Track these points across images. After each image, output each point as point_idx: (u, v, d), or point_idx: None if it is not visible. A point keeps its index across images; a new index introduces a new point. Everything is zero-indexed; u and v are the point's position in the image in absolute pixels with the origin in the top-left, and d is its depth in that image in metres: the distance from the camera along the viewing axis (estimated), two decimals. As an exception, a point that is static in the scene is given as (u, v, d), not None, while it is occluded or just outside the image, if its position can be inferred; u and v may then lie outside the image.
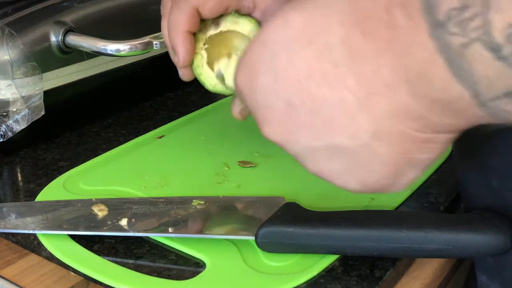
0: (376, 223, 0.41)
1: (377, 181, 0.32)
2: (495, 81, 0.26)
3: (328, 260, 0.43)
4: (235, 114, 0.49)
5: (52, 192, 0.52)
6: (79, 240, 0.45)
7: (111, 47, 0.59)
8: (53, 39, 0.60)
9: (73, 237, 0.46)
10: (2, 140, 0.57)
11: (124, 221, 0.46)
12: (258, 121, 0.35)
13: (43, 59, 0.59)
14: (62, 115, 0.64)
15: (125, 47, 0.59)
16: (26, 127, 0.57)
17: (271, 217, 0.44)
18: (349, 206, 0.49)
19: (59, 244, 0.45)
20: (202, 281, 0.41)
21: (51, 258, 0.45)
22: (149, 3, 0.71)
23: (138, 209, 0.48)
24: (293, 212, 0.45)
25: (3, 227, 0.47)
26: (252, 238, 0.43)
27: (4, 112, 0.57)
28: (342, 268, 0.43)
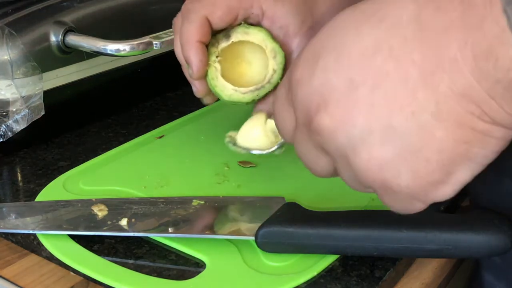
0: (376, 223, 0.41)
1: (430, 173, 0.31)
2: None
3: (328, 260, 0.43)
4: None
5: (52, 192, 0.52)
6: (79, 240, 0.45)
7: (111, 47, 0.59)
8: (53, 39, 0.60)
9: (73, 237, 0.46)
10: (2, 140, 0.57)
11: (124, 221, 0.46)
12: (311, 110, 0.33)
13: (43, 59, 0.59)
14: (62, 115, 0.64)
15: (125, 47, 0.59)
16: (26, 127, 0.57)
17: (271, 217, 0.44)
18: (349, 206, 0.49)
19: (59, 244, 0.45)
20: (202, 281, 0.41)
21: (51, 258, 0.45)
22: (149, 3, 0.71)
23: (138, 209, 0.48)
24: (293, 212, 0.45)
25: (3, 227, 0.47)
26: (252, 238, 0.43)
27: (4, 112, 0.57)
28: (342, 268, 0.43)
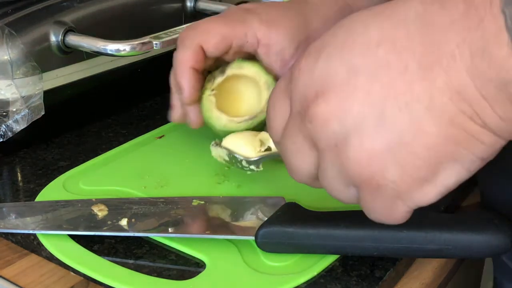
0: (376, 223, 0.41)
1: (417, 169, 0.31)
2: None
3: (328, 260, 0.43)
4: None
5: (52, 192, 0.52)
6: (79, 240, 0.45)
7: (111, 47, 0.59)
8: (53, 39, 0.60)
9: (73, 237, 0.46)
10: (2, 140, 0.57)
11: (124, 221, 0.46)
12: (309, 98, 0.34)
13: (43, 59, 0.59)
14: (62, 115, 0.64)
15: (125, 47, 0.59)
16: (26, 127, 0.57)
17: (271, 217, 0.44)
18: (349, 206, 0.49)
19: (59, 244, 0.45)
20: (202, 281, 0.41)
21: (51, 258, 0.45)
22: (149, 3, 0.71)
23: (138, 209, 0.48)
24: (293, 212, 0.45)
25: (3, 227, 0.47)
26: (252, 238, 0.43)
27: (4, 112, 0.57)
28: (342, 268, 0.43)
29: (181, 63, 0.52)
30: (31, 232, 0.46)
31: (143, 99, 0.75)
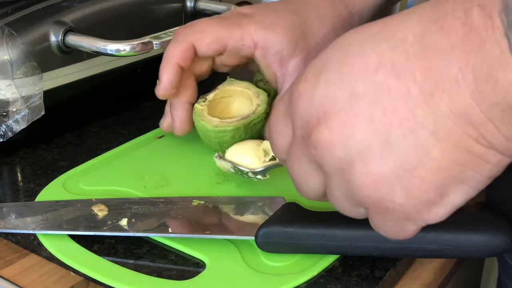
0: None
1: (423, 192, 0.31)
2: None
3: (328, 260, 0.43)
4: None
5: (52, 192, 0.52)
6: (79, 240, 0.45)
7: (111, 47, 0.59)
8: (53, 39, 0.60)
9: (73, 237, 0.46)
10: (2, 140, 0.57)
11: (124, 221, 0.46)
12: (310, 123, 0.33)
13: (43, 59, 0.59)
14: (62, 115, 0.64)
15: (125, 47, 0.59)
16: (26, 127, 0.57)
17: (271, 217, 0.44)
18: (349, 206, 0.49)
19: (59, 244, 0.45)
20: (202, 281, 0.41)
21: (51, 258, 0.45)
22: (149, 3, 0.71)
23: (138, 209, 0.48)
24: (293, 212, 0.45)
25: (3, 227, 0.47)
26: (252, 238, 0.43)
27: (4, 112, 0.57)
28: (342, 268, 0.43)
29: (168, 56, 0.53)
30: (31, 232, 0.46)
31: (143, 99, 0.75)
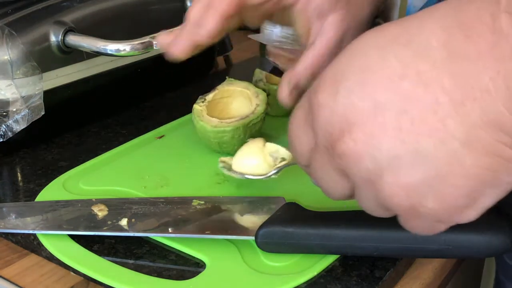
0: (376, 223, 0.41)
1: (456, 198, 0.31)
2: None
3: (328, 260, 0.43)
4: (283, 96, 0.48)
5: (52, 192, 0.52)
6: (79, 240, 0.45)
7: (111, 47, 0.59)
8: (53, 39, 0.60)
9: (73, 237, 0.46)
10: (2, 140, 0.57)
11: (124, 221, 0.46)
12: (334, 135, 0.32)
13: (43, 59, 0.59)
14: (62, 115, 0.64)
15: (125, 47, 0.59)
16: (26, 127, 0.57)
17: (271, 217, 0.44)
18: (349, 206, 0.49)
19: (59, 244, 0.45)
20: (202, 281, 0.41)
21: (51, 258, 0.45)
22: (149, 3, 0.71)
23: (138, 209, 0.48)
24: (293, 212, 0.45)
25: (3, 227, 0.47)
26: (252, 238, 0.43)
27: (4, 112, 0.57)
28: (342, 268, 0.43)
29: (216, 4, 0.48)
30: (31, 232, 0.46)
31: (143, 99, 0.75)
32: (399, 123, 0.30)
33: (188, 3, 0.75)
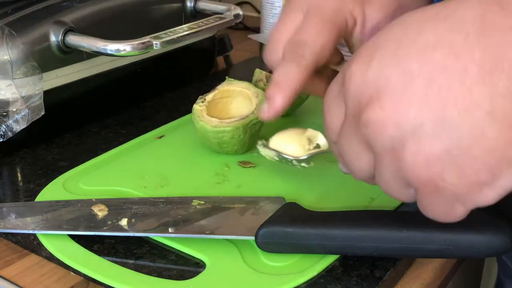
0: (376, 223, 0.41)
1: (476, 172, 0.31)
2: None
3: (328, 260, 0.43)
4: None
5: (52, 192, 0.52)
6: (79, 240, 0.45)
7: (111, 47, 0.59)
8: (53, 39, 0.60)
9: (73, 237, 0.46)
10: (2, 140, 0.57)
11: (124, 221, 0.46)
12: (362, 102, 0.33)
13: (43, 59, 0.59)
14: (62, 115, 0.64)
15: (125, 47, 0.59)
16: (26, 127, 0.57)
17: (271, 217, 0.44)
18: (349, 206, 0.49)
19: (59, 244, 0.45)
20: (202, 281, 0.41)
21: (51, 258, 0.45)
22: (149, 3, 0.71)
23: (138, 209, 0.48)
24: (293, 212, 0.45)
25: (3, 227, 0.47)
26: (252, 238, 0.43)
27: (4, 112, 0.57)
28: (342, 268, 0.43)
29: (284, 80, 0.45)
30: (31, 232, 0.46)
31: (143, 99, 0.75)
32: (426, 91, 0.31)
33: (188, 3, 0.75)
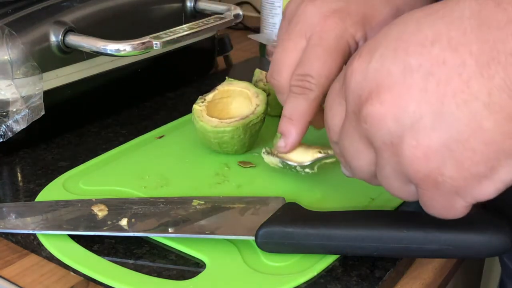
0: (376, 223, 0.41)
1: (474, 165, 0.31)
2: None
3: (328, 260, 0.43)
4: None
5: (52, 192, 0.52)
6: (79, 240, 0.45)
7: (111, 47, 0.59)
8: (53, 39, 0.60)
9: (73, 237, 0.46)
10: (2, 140, 0.57)
11: (124, 221, 0.46)
12: (362, 97, 0.33)
13: (43, 59, 0.59)
14: (62, 115, 0.64)
15: (125, 47, 0.59)
16: (26, 127, 0.57)
17: (271, 217, 0.44)
18: (349, 207, 0.49)
19: (59, 244, 0.45)
20: (202, 281, 0.41)
21: (51, 258, 0.45)
22: (149, 3, 0.71)
23: (138, 209, 0.48)
24: (293, 212, 0.45)
25: (3, 227, 0.47)
26: (252, 238, 0.43)
27: (4, 112, 0.57)
28: (342, 268, 0.43)
29: (296, 114, 0.46)
30: (31, 232, 0.46)
31: (143, 99, 0.75)
32: (425, 84, 0.31)
33: (188, 3, 0.75)
